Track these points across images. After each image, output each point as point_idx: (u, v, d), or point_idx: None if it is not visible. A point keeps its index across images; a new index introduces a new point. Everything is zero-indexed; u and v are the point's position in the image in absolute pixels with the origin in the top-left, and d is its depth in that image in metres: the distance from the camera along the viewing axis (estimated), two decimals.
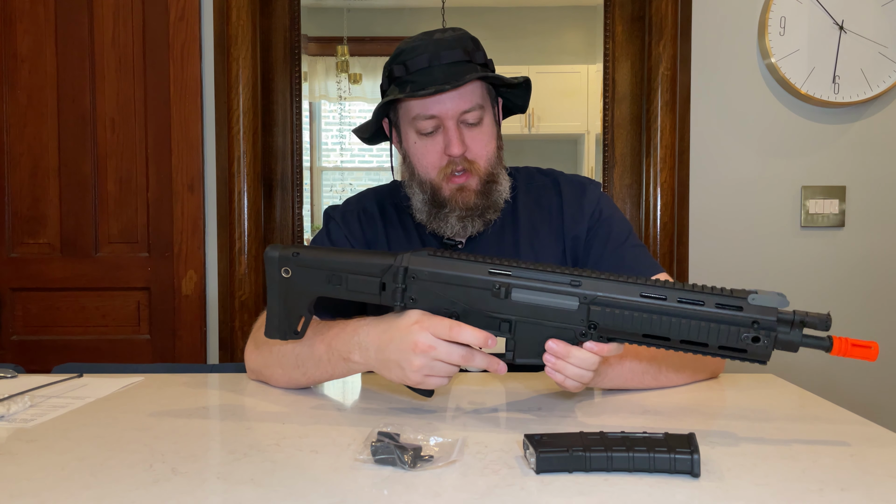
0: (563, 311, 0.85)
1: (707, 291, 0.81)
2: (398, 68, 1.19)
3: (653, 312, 0.81)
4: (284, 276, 0.97)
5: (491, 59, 1.23)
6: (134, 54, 2.14)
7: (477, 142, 1.19)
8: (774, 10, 2.11)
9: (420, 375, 0.90)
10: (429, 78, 1.15)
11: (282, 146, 2.32)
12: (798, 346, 0.79)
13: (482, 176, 1.19)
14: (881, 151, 2.18)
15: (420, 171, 1.21)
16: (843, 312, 2.20)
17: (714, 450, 0.78)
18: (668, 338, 0.82)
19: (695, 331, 0.80)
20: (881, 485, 0.68)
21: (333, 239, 1.28)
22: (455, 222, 1.19)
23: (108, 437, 0.84)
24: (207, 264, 2.17)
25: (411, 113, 1.18)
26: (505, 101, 1.30)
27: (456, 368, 0.91)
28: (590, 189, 1.29)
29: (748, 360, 0.81)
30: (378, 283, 0.93)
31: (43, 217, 2.16)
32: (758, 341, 0.79)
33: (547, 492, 0.67)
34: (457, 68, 1.15)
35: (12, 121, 2.15)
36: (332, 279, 0.96)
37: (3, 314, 2.18)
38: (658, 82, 2.15)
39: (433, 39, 1.18)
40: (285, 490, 0.67)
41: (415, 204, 1.23)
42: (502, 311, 0.88)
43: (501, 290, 0.88)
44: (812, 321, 0.79)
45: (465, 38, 1.20)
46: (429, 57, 1.16)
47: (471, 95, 1.17)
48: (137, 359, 2.16)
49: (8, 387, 1.09)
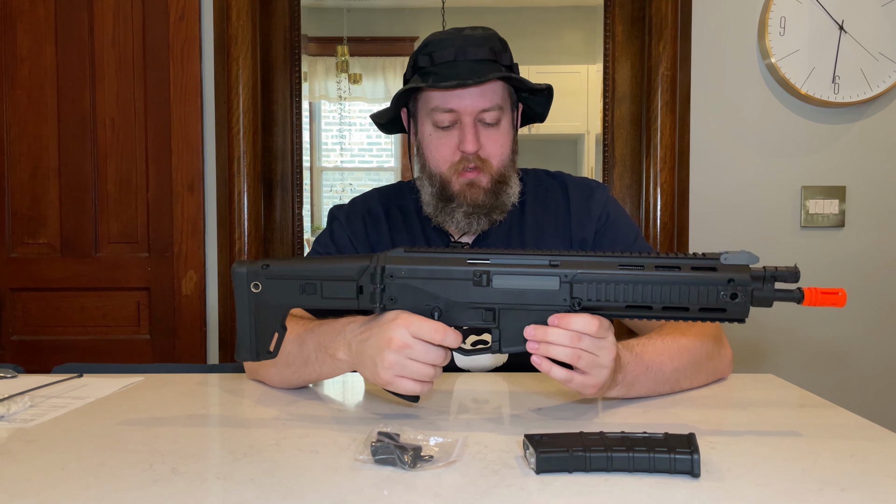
0: (546, 291, 0.85)
1: (682, 257, 0.83)
2: (423, 59, 1.18)
3: (633, 282, 0.83)
4: (254, 292, 0.93)
5: (517, 64, 1.23)
6: (134, 54, 2.14)
7: (492, 141, 1.18)
8: (774, 10, 2.11)
9: (390, 374, 0.87)
10: (452, 71, 1.14)
11: (282, 146, 2.32)
12: (772, 300, 0.81)
13: (494, 175, 1.19)
14: (881, 151, 2.18)
15: (431, 164, 1.21)
16: (843, 312, 2.20)
17: (714, 450, 0.78)
18: (650, 306, 0.83)
19: (675, 295, 0.82)
20: (881, 485, 0.68)
21: (336, 239, 1.27)
22: (461, 217, 1.19)
23: (108, 437, 0.84)
24: (207, 264, 2.17)
25: (430, 104, 1.18)
26: (525, 108, 1.30)
27: (432, 373, 0.88)
28: (598, 192, 1.29)
29: (728, 321, 0.82)
30: (355, 286, 0.90)
31: (43, 217, 2.16)
32: (735, 298, 0.81)
33: (547, 492, 0.67)
34: (481, 66, 1.15)
35: (12, 121, 2.15)
36: (305, 288, 0.91)
37: (3, 314, 2.18)
38: (658, 82, 2.15)
39: (462, 35, 1.18)
40: (285, 490, 0.67)
41: (423, 196, 1.23)
42: (485, 299, 0.87)
43: (483, 277, 0.87)
44: (783, 275, 0.81)
45: (493, 38, 1.20)
46: (455, 51, 1.16)
47: (491, 95, 1.17)
48: (137, 359, 2.16)
49: (8, 387, 1.09)
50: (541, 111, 1.30)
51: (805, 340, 2.21)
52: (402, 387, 0.88)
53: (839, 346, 2.21)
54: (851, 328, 2.20)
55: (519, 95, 1.26)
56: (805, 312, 2.19)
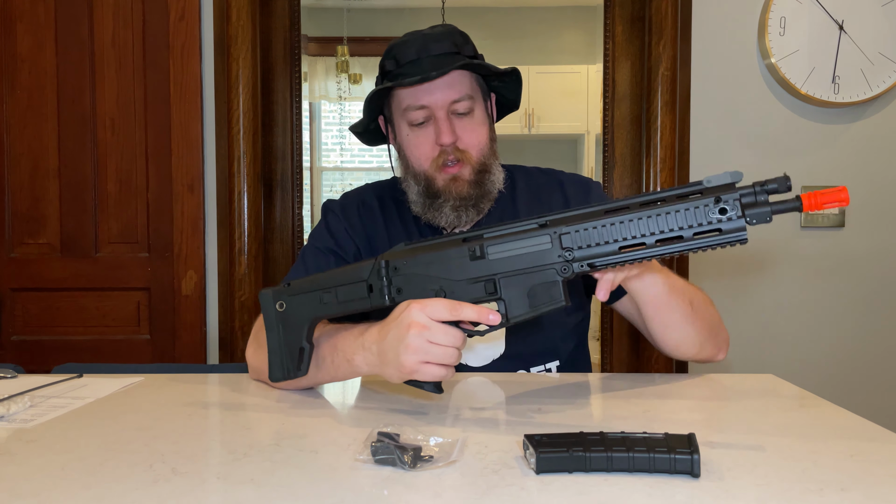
0: (539, 252, 0.87)
1: (665, 190, 0.82)
2: (389, 63, 1.22)
3: (620, 222, 0.82)
4: (280, 310, 1.02)
5: (482, 54, 1.25)
6: (134, 54, 2.14)
7: (468, 131, 1.20)
8: (774, 10, 2.11)
9: (415, 360, 0.88)
10: (417, 69, 1.17)
11: (282, 146, 2.32)
12: (769, 213, 0.78)
13: (474, 165, 1.21)
14: (881, 151, 2.18)
15: (413, 163, 1.22)
16: (843, 312, 2.20)
17: (714, 450, 0.78)
18: (643, 242, 0.82)
19: (664, 224, 0.81)
20: (881, 485, 0.68)
21: (333, 230, 1.28)
22: (449, 212, 1.20)
23: (108, 437, 0.84)
24: (207, 264, 2.17)
25: (402, 104, 1.21)
26: (498, 96, 1.31)
27: (454, 355, 0.88)
28: (594, 188, 1.32)
29: (728, 243, 0.79)
30: (365, 286, 0.95)
31: (43, 217, 2.16)
32: (725, 212, 0.78)
33: (547, 492, 0.67)
34: (444, 59, 1.18)
35: (12, 121, 2.15)
36: (323, 298, 0.99)
37: (3, 314, 2.18)
38: (658, 82, 2.15)
39: (423, 34, 1.22)
40: (285, 490, 0.67)
41: (410, 196, 1.24)
42: (483, 272, 0.89)
43: (477, 248, 0.89)
44: (771, 187, 0.78)
45: (454, 32, 1.23)
46: (417, 49, 1.19)
47: (459, 85, 1.19)
48: (137, 359, 2.16)
49: (8, 387, 1.09)
50: (512, 97, 1.32)
51: (805, 340, 2.21)
52: (428, 372, 0.89)
53: (839, 345, 2.21)
54: (851, 328, 2.20)
55: (490, 85, 1.28)
56: (805, 312, 2.19)
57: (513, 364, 1.23)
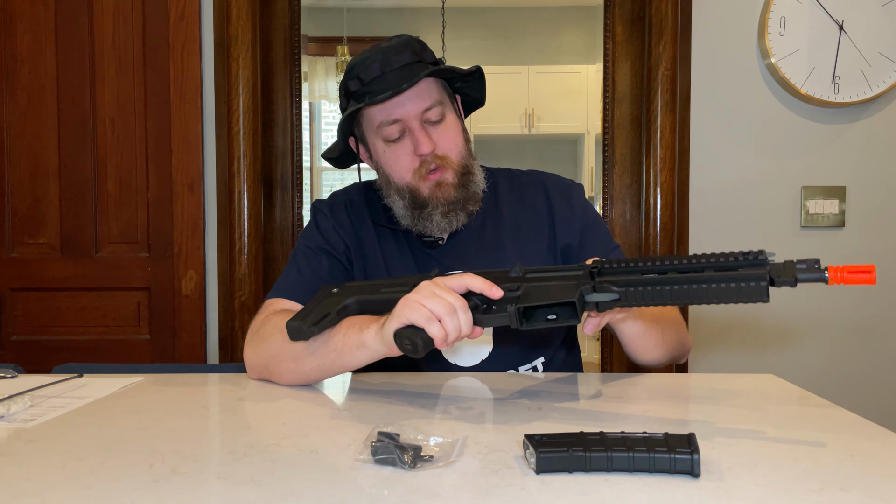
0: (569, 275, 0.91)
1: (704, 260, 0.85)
2: (353, 83, 1.21)
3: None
4: (334, 291, 1.07)
5: (441, 58, 1.26)
6: (134, 54, 2.14)
7: (444, 137, 1.21)
8: (774, 10, 2.11)
9: (417, 300, 0.90)
10: (384, 84, 1.17)
11: (282, 146, 2.32)
12: (795, 280, 0.81)
13: (456, 168, 1.21)
14: (881, 151, 2.18)
15: (395, 178, 1.23)
16: (843, 313, 2.20)
17: (714, 450, 0.78)
18: (665, 268, 0.84)
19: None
20: (881, 485, 0.68)
21: (323, 230, 1.29)
22: (440, 219, 1.21)
23: (108, 437, 0.84)
24: (207, 264, 2.17)
25: (375, 122, 1.20)
26: (463, 97, 1.32)
27: (454, 320, 0.89)
28: (576, 190, 1.33)
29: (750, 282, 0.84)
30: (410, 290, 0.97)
31: (43, 217, 2.16)
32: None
33: (547, 492, 0.67)
34: (409, 69, 1.18)
35: (12, 121, 2.15)
36: (368, 288, 1.05)
37: (3, 314, 2.18)
38: (658, 82, 2.15)
39: (381, 48, 1.21)
40: (285, 490, 0.67)
41: (397, 212, 1.25)
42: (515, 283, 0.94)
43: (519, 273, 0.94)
44: (801, 266, 0.82)
45: (411, 41, 1.22)
46: (380, 65, 1.18)
47: (428, 93, 1.19)
48: (137, 359, 2.16)
49: (8, 387, 1.09)
50: (478, 96, 1.33)
51: (805, 341, 2.21)
52: (422, 318, 0.89)
53: (839, 346, 2.21)
54: (851, 328, 2.20)
55: (454, 87, 1.28)
56: (805, 312, 2.19)
57: (502, 362, 1.23)
